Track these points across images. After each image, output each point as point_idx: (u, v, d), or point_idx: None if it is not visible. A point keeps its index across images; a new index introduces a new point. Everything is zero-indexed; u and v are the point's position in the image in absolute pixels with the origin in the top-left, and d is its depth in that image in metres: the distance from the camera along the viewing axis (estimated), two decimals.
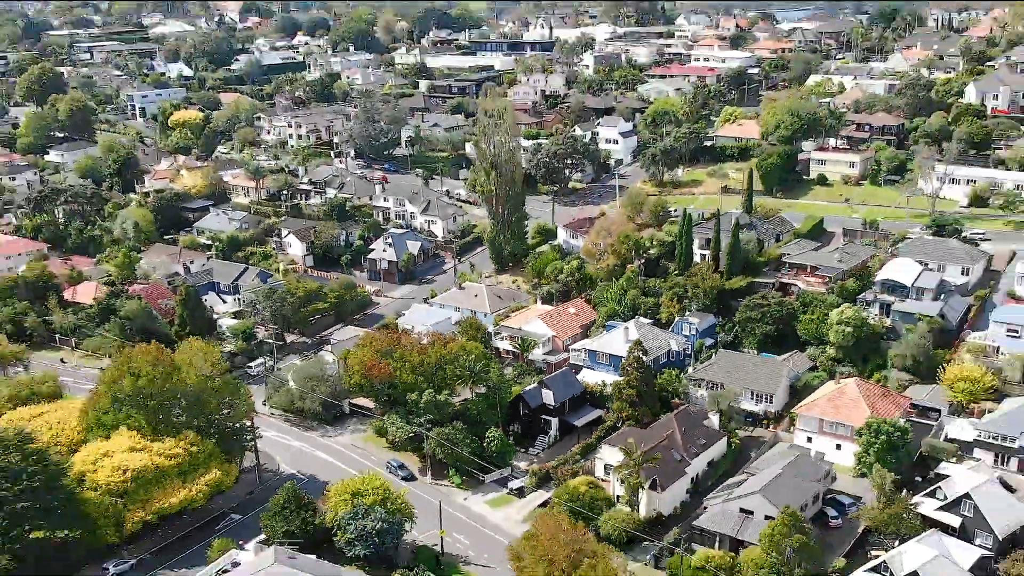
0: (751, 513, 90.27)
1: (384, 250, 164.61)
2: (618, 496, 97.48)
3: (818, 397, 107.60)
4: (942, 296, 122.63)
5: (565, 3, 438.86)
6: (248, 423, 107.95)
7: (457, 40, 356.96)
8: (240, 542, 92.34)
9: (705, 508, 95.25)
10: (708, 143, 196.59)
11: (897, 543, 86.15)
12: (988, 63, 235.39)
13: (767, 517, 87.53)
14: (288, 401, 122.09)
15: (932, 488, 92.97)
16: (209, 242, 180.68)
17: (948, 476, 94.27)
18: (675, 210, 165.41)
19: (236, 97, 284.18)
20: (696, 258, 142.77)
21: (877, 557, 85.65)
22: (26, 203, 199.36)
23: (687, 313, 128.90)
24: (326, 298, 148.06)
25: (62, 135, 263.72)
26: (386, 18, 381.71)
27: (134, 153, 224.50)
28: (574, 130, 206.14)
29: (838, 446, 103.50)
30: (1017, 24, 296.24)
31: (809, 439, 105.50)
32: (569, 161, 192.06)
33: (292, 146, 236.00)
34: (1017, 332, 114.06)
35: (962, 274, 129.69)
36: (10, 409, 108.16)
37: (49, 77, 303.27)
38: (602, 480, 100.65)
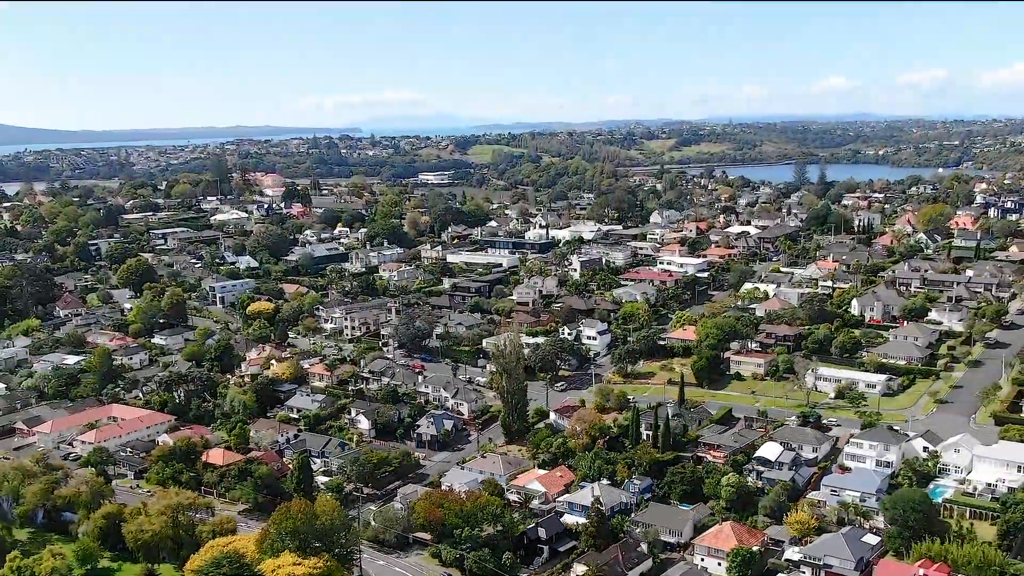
0: None
1: (428, 426, 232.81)
2: None
3: (708, 533, 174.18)
4: (795, 467, 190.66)
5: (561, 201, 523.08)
6: (355, 548, 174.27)
7: (472, 235, 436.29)
8: None
9: None
10: (662, 343, 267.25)
11: None
12: (880, 274, 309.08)
13: None
14: (373, 534, 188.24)
15: None
16: (297, 417, 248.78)
17: None
18: (633, 398, 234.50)
19: (297, 288, 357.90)
20: (643, 436, 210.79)
21: None
22: (158, 385, 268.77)
23: (634, 476, 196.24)
24: (390, 462, 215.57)
25: (163, 320, 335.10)
26: (411, 215, 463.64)
27: (231, 343, 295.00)
28: (563, 329, 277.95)
29: (719, 563, 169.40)
30: (921, 226, 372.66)
31: (702, 559, 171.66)
32: (559, 356, 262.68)
33: (347, 335, 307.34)
34: (837, 492, 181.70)
35: (812, 452, 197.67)
36: (211, 539, 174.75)
37: (143, 269, 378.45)
38: None
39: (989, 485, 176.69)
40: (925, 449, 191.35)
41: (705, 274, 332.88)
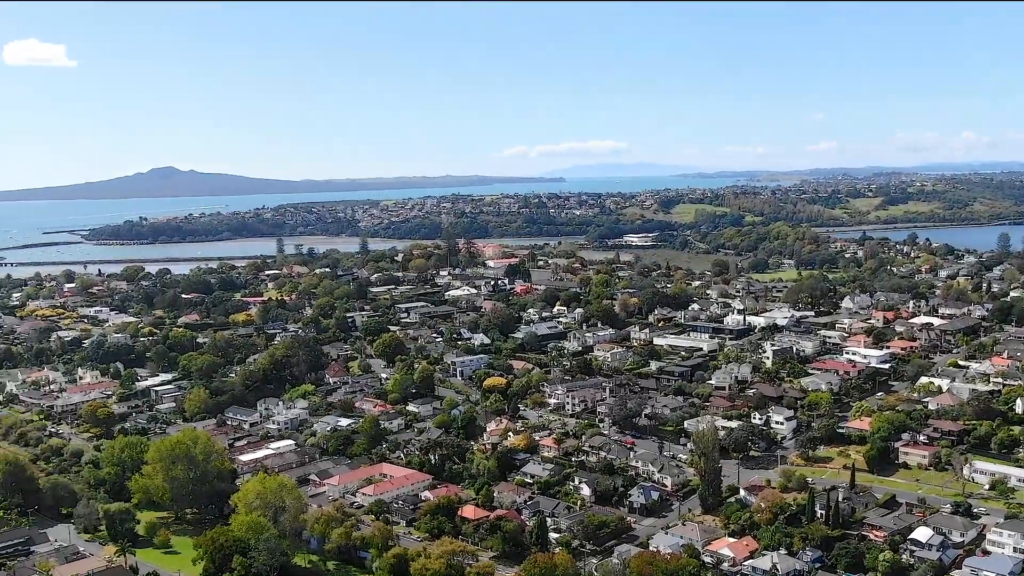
0: None
1: (638, 495, 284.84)
2: None
3: None
4: (942, 549, 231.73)
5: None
6: None
7: (675, 318, 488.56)
8: None
9: None
10: (841, 431, 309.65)
11: None
12: None
13: None
14: None
15: None
16: (531, 482, 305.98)
17: None
18: (812, 480, 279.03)
19: (523, 364, 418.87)
20: (817, 515, 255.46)
21: None
22: (418, 448, 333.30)
23: (806, 548, 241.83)
24: (608, 525, 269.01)
25: (415, 390, 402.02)
26: (622, 298, 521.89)
27: (474, 415, 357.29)
28: (754, 414, 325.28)
29: None
30: None
31: None
32: (750, 439, 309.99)
33: (568, 410, 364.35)
34: (976, 573, 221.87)
35: (960, 536, 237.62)
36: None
37: (395, 343, 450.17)
38: None
39: None
40: None
41: (886, 365, 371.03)
